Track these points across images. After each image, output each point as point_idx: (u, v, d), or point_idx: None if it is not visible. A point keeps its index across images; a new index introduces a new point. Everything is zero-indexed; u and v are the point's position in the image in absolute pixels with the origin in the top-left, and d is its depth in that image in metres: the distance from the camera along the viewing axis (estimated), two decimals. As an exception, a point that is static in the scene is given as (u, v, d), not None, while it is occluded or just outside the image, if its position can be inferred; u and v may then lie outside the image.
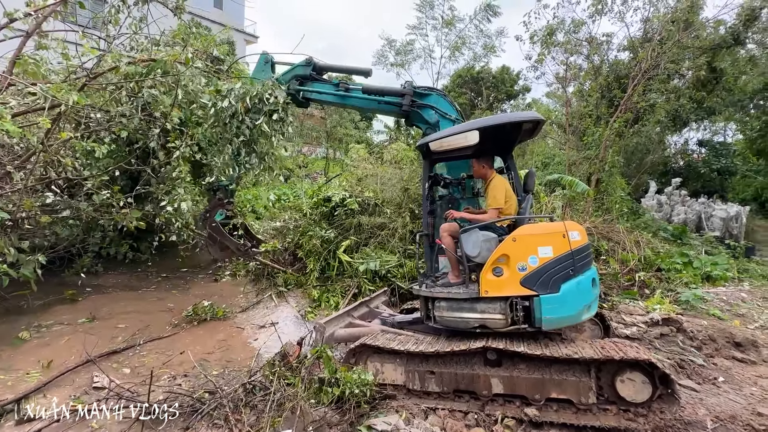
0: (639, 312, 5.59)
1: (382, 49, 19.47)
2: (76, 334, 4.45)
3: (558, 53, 12.64)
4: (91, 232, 6.36)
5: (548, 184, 10.97)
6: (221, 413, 2.76)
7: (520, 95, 24.37)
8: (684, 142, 21.59)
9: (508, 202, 3.70)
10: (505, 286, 3.28)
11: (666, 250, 8.46)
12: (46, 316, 4.83)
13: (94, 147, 4.72)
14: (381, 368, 3.49)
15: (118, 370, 3.74)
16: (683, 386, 3.80)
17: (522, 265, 3.24)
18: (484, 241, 3.46)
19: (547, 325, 3.18)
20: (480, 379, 3.23)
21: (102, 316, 5.05)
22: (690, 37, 10.92)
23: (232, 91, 5.14)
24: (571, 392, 3.03)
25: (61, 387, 3.36)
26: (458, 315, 3.43)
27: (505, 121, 3.69)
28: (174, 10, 5.21)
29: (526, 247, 3.27)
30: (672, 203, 14.00)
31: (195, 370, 3.71)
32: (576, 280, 3.19)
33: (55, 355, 3.86)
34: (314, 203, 7.77)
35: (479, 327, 3.37)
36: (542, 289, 3.19)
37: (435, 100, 4.49)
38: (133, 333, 4.60)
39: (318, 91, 5.15)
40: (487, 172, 3.92)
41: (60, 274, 6.12)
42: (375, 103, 4.85)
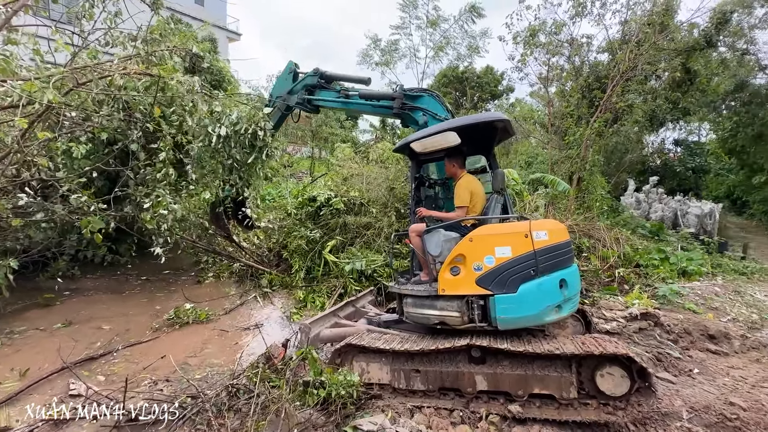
0: (619, 307, 5.75)
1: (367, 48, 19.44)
2: (51, 340, 4.29)
3: (540, 54, 12.88)
4: (67, 234, 6.14)
5: (531, 183, 11.16)
6: (204, 418, 2.71)
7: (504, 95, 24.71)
8: (661, 142, 22.34)
9: (474, 201, 3.75)
10: (460, 285, 3.34)
11: (644, 246, 8.71)
12: (19, 323, 4.65)
13: (72, 147, 4.56)
14: (367, 368, 3.50)
15: (94, 377, 3.63)
16: (660, 379, 3.92)
17: (478, 265, 3.29)
18: (445, 240, 3.52)
19: (502, 325, 3.23)
20: (465, 376, 3.26)
21: (79, 320, 4.89)
22: (665, 40, 11.27)
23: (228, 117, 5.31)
24: (553, 387, 3.08)
25: (36, 395, 3.24)
26: (421, 311, 3.55)
27: (474, 121, 3.73)
28: (151, 6, 5.08)
29: (482, 247, 3.31)
30: (650, 201, 14.43)
31: (177, 374, 3.63)
32: (538, 281, 3.19)
33: (29, 362, 3.72)
34: (299, 203, 7.71)
35: (439, 324, 3.46)
36: (498, 289, 3.22)
37: (426, 102, 4.59)
38: (111, 338, 4.47)
39: (324, 99, 5.59)
40: (457, 171, 3.97)
41: (34, 279, 5.90)
42: (370, 107, 5.13)
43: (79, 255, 6.44)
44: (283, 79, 6.01)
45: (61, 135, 4.79)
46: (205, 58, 5.87)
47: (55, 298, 5.44)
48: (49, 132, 4.48)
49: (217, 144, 5.32)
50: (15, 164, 4.88)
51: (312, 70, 5.66)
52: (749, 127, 17.05)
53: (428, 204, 4.44)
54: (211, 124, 5.27)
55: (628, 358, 2.95)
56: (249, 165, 5.68)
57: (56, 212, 5.28)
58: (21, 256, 5.12)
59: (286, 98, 5.83)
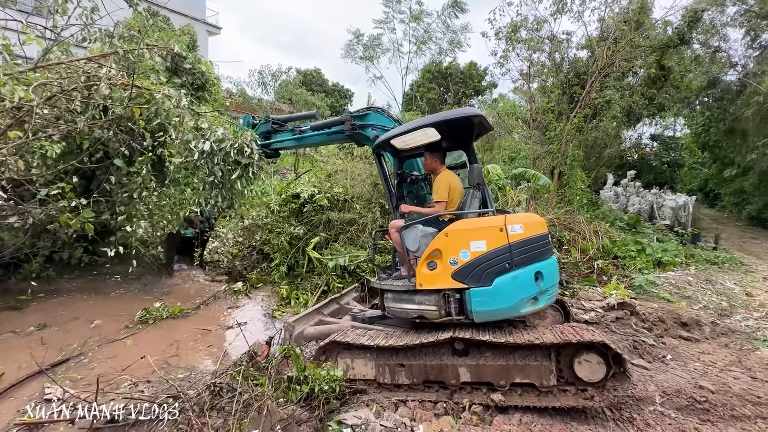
0: (597, 298, 5.93)
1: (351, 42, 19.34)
2: (25, 343, 4.16)
3: (522, 50, 13.05)
4: (42, 236, 5.93)
5: (514, 178, 11.33)
6: (185, 417, 2.68)
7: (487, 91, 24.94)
8: (638, 137, 22.97)
9: (452, 196, 3.80)
10: (437, 280, 3.40)
11: (622, 238, 8.97)
12: (-10, 327, 4.49)
13: (45, 146, 4.40)
14: (352, 364, 3.52)
15: (69, 379, 3.54)
16: (636, 365, 4.07)
17: (453, 259, 3.35)
18: (422, 236, 3.58)
19: (478, 317, 3.30)
20: (448, 368, 3.32)
21: (55, 322, 4.75)
22: (641, 37, 11.56)
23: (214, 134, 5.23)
24: (534, 376, 3.17)
25: (9, 400, 3.14)
26: (400, 306, 3.63)
27: (449, 117, 3.74)
28: (128, 1, 4.92)
29: (457, 241, 3.36)
30: (627, 194, 14.85)
31: (157, 375, 3.58)
32: (513, 273, 3.26)
33: (3, 366, 3.59)
34: (283, 200, 7.65)
35: (418, 317, 3.54)
36: (473, 282, 3.29)
37: (373, 118, 4.73)
38: (87, 339, 4.36)
39: (280, 140, 5.76)
40: (437, 166, 4.00)
41: (6, 281, 5.70)
42: (324, 136, 5.23)
43: (54, 256, 6.24)
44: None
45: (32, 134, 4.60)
46: (188, 58, 5.70)
47: (30, 300, 5.27)
48: (20, 131, 4.30)
49: (199, 159, 5.24)
50: (-18, 163, 4.68)
51: (263, 118, 5.89)
52: (721, 123, 17.72)
53: (411, 200, 4.46)
54: (194, 139, 5.17)
55: (604, 345, 3.05)
56: (232, 182, 5.59)
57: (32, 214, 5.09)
58: (-9, 259, 4.93)
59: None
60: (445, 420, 3.04)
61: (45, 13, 5.13)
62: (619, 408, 3.28)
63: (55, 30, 4.96)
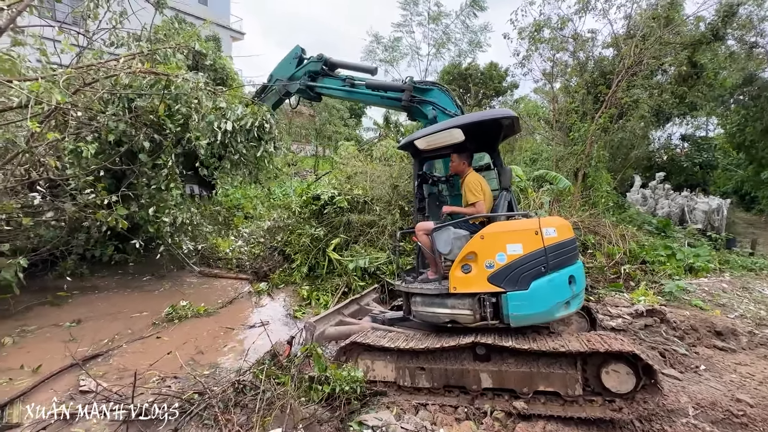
0: (624, 304, 5.72)
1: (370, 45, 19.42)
2: (61, 337, 4.37)
3: (545, 50, 12.78)
4: (76, 233, 6.22)
5: (536, 180, 11.10)
6: (211, 413, 2.74)
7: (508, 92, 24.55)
8: (667, 137, 22.07)
9: (485, 197, 3.73)
10: (472, 283, 3.32)
11: (650, 242, 8.64)
12: (30, 320, 4.73)
13: (81, 147, 4.62)
14: (372, 365, 3.50)
15: (101, 373, 3.68)
16: (666, 375, 3.91)
17: (489, 263, 3.27)
18: (455, 238, 3.51)
19: (515, 322, 3.22)
20: (470, 373, 3.26)
21: (87, 318, 4.96)
22: (671, 33, 11.13)
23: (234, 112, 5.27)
24: (558, 385, 3.07)
25: (46, 392, 3.30)
26: (431, 310, 3.52)
27: (481, 118, 3.68)
28: (156, 5, 5.11)
29: (494, 244, 3.29)
30: (656, 197, 14.30)
31: (184, 370, 3.68)
32: (548, 277, 3.18)
33: (40, 359, 3.79)
34: (303, 201, 7.74)
35: (450, 322, 3.44)
36: (510, 286, 3.21)
37: (436, 96, 4.51)
38: (117, 334, 4.53)
39: (327, 86, 5.41)
40: (464, 168, 3.94)
41: (43, 277, 5.99)
42: (378, 97, 4.99)
43: (87, 254, 6.53)
44: (287, 63, 5.86)
45: (68, 135, 4.84)
46: (208, 55, 5.88)
47: (66, 296, 5.52)
48: (57, 132, 4.53)
49: (223, 139, 5.31)
50: (24, 164, 4.95)
51: (316, 56, 5.51)
52: (758, 122, 16.80)
53: (432, 202, 4.40)
54: (216, 120, 5.28)
55: (633, 355, 2.94)
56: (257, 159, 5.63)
57: (66, 211, 5.36)
58: (30, 255, 5.19)
59: (287, 84, 5.68)
60: (467, 425, 2.99)
61: (78, 18, 5.39)
62: (650, 420, 3.15)
63: (87, 34, 5.20)
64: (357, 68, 5.54)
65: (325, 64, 5.42)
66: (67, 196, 5.53)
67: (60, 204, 5.51)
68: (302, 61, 5.69)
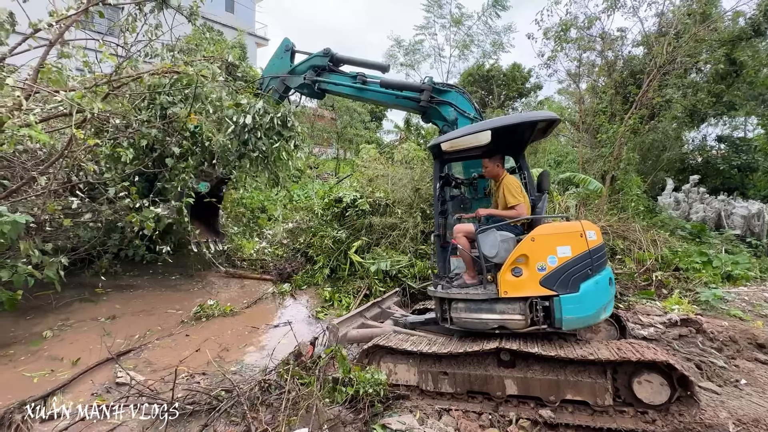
0: (656, 312, 5.49)
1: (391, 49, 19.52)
2: (97, 331, 4.59)
3: (571, 50, 12.49)
4: (111, 233, 6.53)
5: (561, 183, 10.83)
6: (238, 411, 2.81)
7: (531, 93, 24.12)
8: (702, 138, 21.03)
9: (524, 198, 3.68)
10: (524, 287, 3.26)
11: (684, 248, 8.27)
12: (68, 316, 4.99)
13: (119, 152, 4.86)
14: (394, 369, 3.48)
15: (134, 366, 3.84)
16: (703, 388, 3.71)
17: (541, 265, 3.22)
18: (502, 241, 3.42)
19: (567, 326, 3.16)
20: (494, 380, 3.21)
21: (121, 314, 5.19)
22: (707, 30, 10.65)
23: (253, 107, 5.27)
24: (587, 394, 2.99)
25: (83, 385, 3.47)
26: (476, 316, 3.41)
27: (520, 120, 3.62)
28: (189, 17, 5.32)
29: (545, 246, 3.24)
30: (690, 201, 13.64)
31: (211, 367, 3.79)
32: (594, 279, 3.17)
33: (77, 353, 3.99)
34: (326, 204, 7.84)
35: (498, 328, 3.35)
36: (562, 289, 3.17)
37: (454, 97, 4.43)
38: (147, 330, 4.72)
39: (335, 82, 5.08)
40: (500, 171, 3.87)
41: (81, 275, 6.30)
42: (392, 97, 4.78)
43: (121, 253, 6.84)
44: (279, 58, 5.57)
45: (105, 141, 5.10)
46: (240, 66, 6.05)
47: (102, 293, 5.80)
48: (95, 138, 4.78)
49: (242, 135, 5.24)
50: (66, 168, 5.25)
51: (322, 50, 5.19)
52: (803, 121, 15.83)
53: (454, 205, 4.35)
54: (235, 114, 5.24)
55: (668, 365, 2.83)
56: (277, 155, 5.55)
57: (102, 212, 5.65)
58: (70, 254, 5.49)
59: (286, 78, 5.38)
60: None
61: (117, 32, 5.67)
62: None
63: (126, 46, 5.47)
64: (367, 65, 5.17)
65: (331, 60, 5.11)
66: (104, 199, 5.83)
67: (97, 206, 5.81)
68: (294, 54, 5.38)
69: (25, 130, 3.85)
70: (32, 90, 4.46)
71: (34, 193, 4.89)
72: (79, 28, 4.83)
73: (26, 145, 5.08)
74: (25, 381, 3.47)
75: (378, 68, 5.11)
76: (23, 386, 3.37)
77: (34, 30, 4.56)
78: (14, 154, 5.19)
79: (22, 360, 3.84)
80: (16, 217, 3.76)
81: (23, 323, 4.68)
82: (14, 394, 3.20)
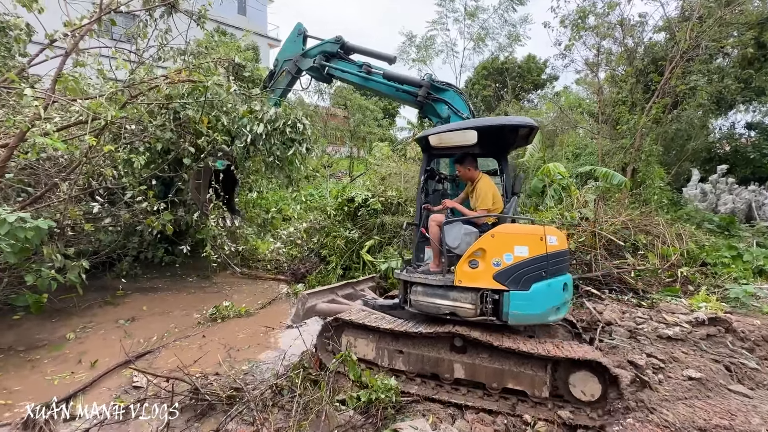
0: (682, 310, 5.25)
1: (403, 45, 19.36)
2: (117, 333, 4.70)
3: (589, 37, 12.07)
4: (130, 237, 6.71)
5: (580, 177, 10.51)
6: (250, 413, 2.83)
7: (547, 84, 23.55)
8: (730, 126, 20.06)
9: (495, 202, 3.83)
10: (478, 279, 3.43)
11: (712, 242, 7.90)
12: (90, 318, 5.14)
13: (132, 158, 4.97)
14: (354, 342, 3.72)
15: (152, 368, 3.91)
16: (733, 391, 3.53)
17: (497, 261, 3.39)
18: (465, 234, 3.65)
19: (513, 320, 3.34)
20: (444, 363, 3.41)
21: (140, 316, 5.31)
22: (734, 13, 10.11)
23: (265, 114, 5.43)
24: (526, 384, 3.17)
25: (104, 385, 3.55)
26: (431, 300, 3.61)
27: (502, 123, 3.77)
28: (197, 21, 5.38)
29: (503, 244, 3.41)
30: (718, 192, 13.03)
31: (224, 369, 3.83)
32: (547, 282, 3.32)
33: (97, 354, 4.09)
34: (338, 204, 7.83)
35: (450, 314, 3.54)
36: (513, 286, 3.33)
37: (450, 96, 4.57)
38: (164, 332, 4.81)
39: (342, 69, 5.27)
40: (474, 174, 4.02)
41: (103, 278, 6.49)
42: (393, 89, 4.95)
43: (141, 256, 7.02)
44: (292, 41, 5.82)
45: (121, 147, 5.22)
46: (247, 66, 6.12)
47: (122, 295, 5.95)
48: (112, 144, 4.89)
49: (258, 141, 5.48)
50: (84, 175, 5.40)
51: (334, 37, 5.39)
52: (841, 105, 14.88)
53: (435, 198, 4.46)
54: (249, 123, 5.45)
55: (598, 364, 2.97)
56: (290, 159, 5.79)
57: (121, 217, 5.80)
58: (91, 258, 5.65)
59: (299, 60, 5.58)
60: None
61: (129, 39, 5.80)
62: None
63: (138, 53, 5.59)
64: (375, 55, 5.35)
65: (341, 47, 5.29)
66: (122, 204, 5.98)
67: (116, 211, 5.96)
68: (306, 38, 5.61)
69: (42, 139, 3.97)
70: (50, 100, 4.58)
71: (57, 199, 5.05)
72: (93, 36, 4.93)
73: (49, 153, 5.25)
74: (48, 383, 3.58)
75: (385, 59, 5.27)
76: (46, 388, 3.48)
77: (51, 40, 4.68)
78: (38, 162, 5.38)
79: (45, 363, 3.96)
80: (38, 223, 3.88)
81: (48, 326, 4.84)
82: (37, 396, 3.31)
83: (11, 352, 4.15)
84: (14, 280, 4.64)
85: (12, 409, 3.17)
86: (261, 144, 5.56)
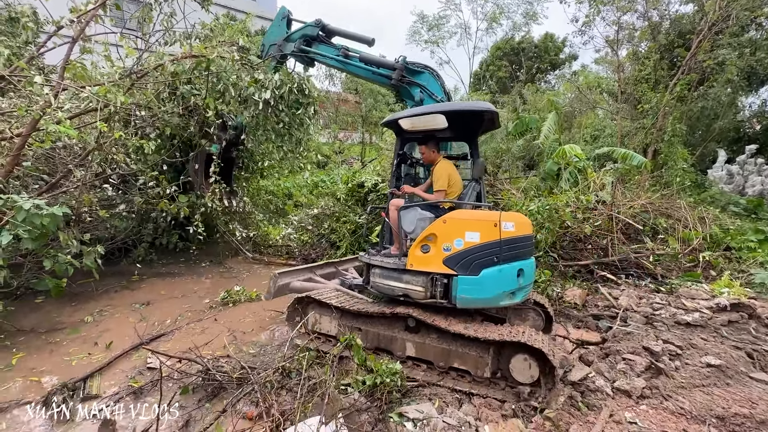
0: (703, 296, 5.07)
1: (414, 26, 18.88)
2: (133, 317, 4.84)
3: (609, 12, 11.49)
4: (145, 223, 6.84)
5: (597, 159, 10.15)
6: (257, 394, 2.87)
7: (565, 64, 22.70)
8: (762, 104, 19.00)
9: (451, 186, 3.81)
10: (429, 263, 3.49)
11: (737, 226, 7.56)
12: (108, 302, 5.29)
13: (143, 144, 5.02)
14: (319, 319, 3.97)
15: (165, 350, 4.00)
16: (755, 379, 3.39)
17: (447, 246, 3.43)
18: (419, 219, 3.69)
19: (461, 303, 3.39)
20: (398, 341, 3.59)
21: (155, 300, 5.44)
22: (771, -21, 9.42)
23: (272, 81, 5.42)
24: (470, 365, 3.30)
25: (119, 368, 3.66)
26: (387, 282, 3.72)
27: (463, 108, 3.77)
28: (202, 3, 5.30)
29: (454, 229, 3.43)
30: (745, 173, 12.43)
31: (234, 350, 3.89)
32: (499, 267, 3.34)
33: (113, 336, 4.22)
34: (349, 189, 7.79)
35: (402, 296, 3.65)
36: (462, 271, 3.37)
37: (426, 79, 4.54)
38: (178, 315, 4.92)
39: (321, 53, 5.35)
40: (435, 156, 4.02)
41: (119, 263, 6.67)
42: (369, 72, 4.98)
43: (156, 242, 7.16)
44: (276, 26, 5.84)
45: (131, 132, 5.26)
46: (251, 50, 6.06)
47: (138, 280, 6.10)
48: (122, 131, 4.93)
49: (265, 110, 5.53)
50: (98, 161, 5.48)
51: (314, 21, 5.41)
52: None
53: (407, 182, 4.45)
54: (256, 91, 5.47)
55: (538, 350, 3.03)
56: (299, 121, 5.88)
57: (135, 202, 5.90)
58: (107, 244, 5.79)
59: (282, 45, 5.64)
60: (513, 423, 2.82)
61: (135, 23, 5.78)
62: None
63: (144, 37, 5.57)
64: (353, 38, 5.40)
65: (322, 30, 5.32)
66: (136, 190, 6.08)
67: (130, 197, 6.07)
68: (290, 22, 5.61)
69: (55, 127, 4.01)
70: (60, 87, 4.62)
71: (72, 186, 5.15)
72: (98, 22, 4.92)
73: (64, 142, 5.34)
74: (67, 363, 3.71)
75: (363, 41, 5.30)
76: (65, 368, 3.60)
77: (57, 27, 4.69)
78: (54, 151, 5.48)
79: (65, 345, 4.10)
80: (54, 210, 3.97)
81: (68, 309, 5.01)
82: (57, 375, 3.44)
83: (33, 334, 4.31)
84: (35, 265, 4.79)
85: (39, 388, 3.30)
86: (270, 111, 5.60)
